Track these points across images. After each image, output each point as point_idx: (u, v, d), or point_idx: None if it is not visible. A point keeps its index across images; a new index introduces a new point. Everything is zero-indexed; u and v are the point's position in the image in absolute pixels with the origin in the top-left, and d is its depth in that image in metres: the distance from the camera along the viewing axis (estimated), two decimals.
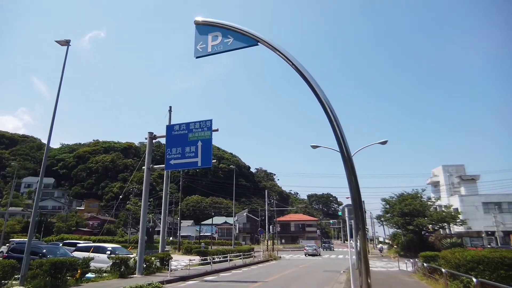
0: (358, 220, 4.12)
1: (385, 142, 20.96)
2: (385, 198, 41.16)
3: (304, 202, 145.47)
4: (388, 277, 15.06)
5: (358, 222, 4.13)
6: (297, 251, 56.52)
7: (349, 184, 3.98)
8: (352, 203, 4.03)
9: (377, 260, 32.16)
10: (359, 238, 4.15)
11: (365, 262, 3.87)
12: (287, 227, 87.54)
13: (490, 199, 48.92)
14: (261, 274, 19.11)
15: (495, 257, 8.53)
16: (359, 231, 4.09)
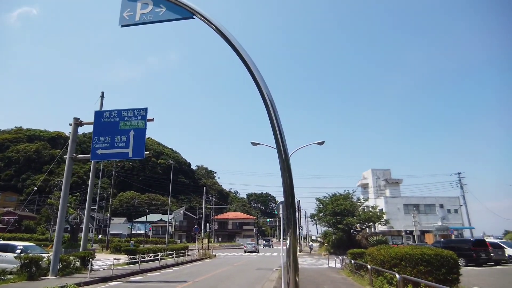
0: (289, 217, 3.76)
1: (322, 142, 21.49)
2: (319, 198, 42.90)
3: (243, 201, 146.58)
4: (317, 274, 15.32)
5: (289, 219, 3.78)
6: (234, 249, 56.44)
7: (283, 181, 3.71)
8: (284, 200, 3.74)
9: (308, 258, 33.15)
10: (289, 235, 3.78)
11: (294, 260, 3.51)
12: (224, 225, 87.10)
13: (410, 201, 53.76)
14: (192, 273, 18.34)
15: (416, 254, 8.91)
16: (290, 228, 3.75)
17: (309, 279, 13.54)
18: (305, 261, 28.60)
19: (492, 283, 13.16)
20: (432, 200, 54.27)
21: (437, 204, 53.84)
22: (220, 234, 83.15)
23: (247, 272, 18.87)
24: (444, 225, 50.26)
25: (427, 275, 8.65)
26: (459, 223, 52.40)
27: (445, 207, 53.85)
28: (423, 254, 8.88)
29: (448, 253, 8.97)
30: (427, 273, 8.67)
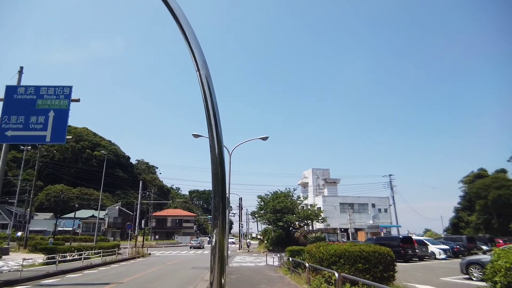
0: (217, 206, 2.95)
1: (265, 138, 21.07)
2: (261, 196, 42.86)
3: (185, 198, 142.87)
4: (254, 273, 14.73)
5: (217, 209, 2.96)
6: (171, 247, 54.13)
7: (214, 173, 2.99)
8: (212, 192, 3.00)
9: (247, 255, 32.74)
10: (216, 232, 2.95)
11: (220, 259, 2.71)
12: (163, 222, 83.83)
13: (346, 200, 56.42)
14: (119, 274, 16.67)
15: (355, 251, 8.64)
16: (217, 221, 2.96)
17: (245, 278, 12.85)
18: (244, 259, 28.09)
19: (419, 278, 13.67)
20: (365, 200, 57.55)
21: (369, 204, 57.24)
22: (158, 232, 79.89)
23: (181, 271, 17.67)
24: (375, 223, 53.53)
25: (365, 272, 8.41)
26: (388, 221, 56.31)
27: (376, 206, 57.49)
28: (361, 251, 8.63)
29: (385, 250, 8.85)
30: (365, 270, 8.43)
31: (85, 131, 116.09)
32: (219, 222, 2.99)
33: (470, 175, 75.11)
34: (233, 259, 27.27)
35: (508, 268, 4.14)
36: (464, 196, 73.61)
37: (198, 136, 20.73)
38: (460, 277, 14.07)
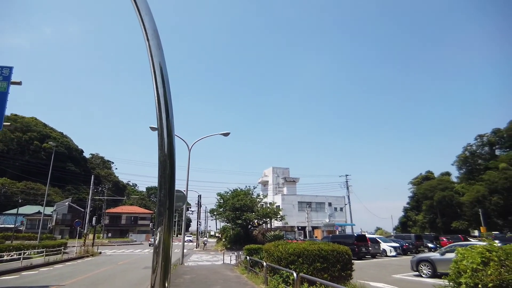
0: (162, 200, 2.43)
1: (227, 133, 20.57)
2: (220, 193, 42.20)
3: (142, 195, 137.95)
4: (210, 272, 14.21)
5: (162, 203, 2.44)
6: (125, 245, 51.73)
7: (162, 164, 2.46)
8: (158, 185, 2.46)
9: (204, 254, 32.03)
10: (160, 230, 2.43)
11: (165, 260, 2.21)
12: (117, 220, 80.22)
13: (304, 199, 57.40)
14: (63, 275, 15.34)
15: (313, 250, 8.46)
16: (162, 217, 2.45)
17: (200, 278, 12.30)
18: (200, 257, 27.40)
19: (373, 275, 13.97)
20: (322, 199, 58.95)
21: (326, 203, 58.70)
22: (112, 229, 76.31)
23: (132, 272, 16.68)
24: (331, 222, 55.07)
25: (323, 272, 8.26)
26: (343, 220, 58.13)
27: (333, 205, 59.12)
28: (320, 250, 8.48)
29: (343, 249, 8.78)
30: (324, 270, 8.28)
31: (34, 121, 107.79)
32: (164, 219, 2.47)
33: (419, 177, 79.97)
34: (189, 258, 26.47)
35: (475, 269, 4.08)
36: (413, 197, 78.21)
37: (156, 129, 19.67)
38: (410, 274, 14.58)
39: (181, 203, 9.70)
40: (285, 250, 8.79)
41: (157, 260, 2.31)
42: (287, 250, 8.76)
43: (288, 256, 8.61)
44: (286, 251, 8.76)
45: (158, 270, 2.28)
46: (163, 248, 2.33)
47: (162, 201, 2.39)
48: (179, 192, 9.80)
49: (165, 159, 2.42)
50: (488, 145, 70.20)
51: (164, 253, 2.33)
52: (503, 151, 68.32)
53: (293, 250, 8.61)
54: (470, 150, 71.43)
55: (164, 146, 2.45)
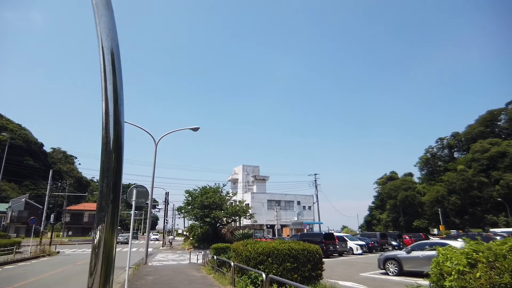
0: (104, 191, 1.93)
1: (196, 128, 19.88)
2: (189, 190, 41.16)
3: None
4: (175, 273, 13.53)
5: (104, 195, 1.93)
6: (87, 244, 49.23)
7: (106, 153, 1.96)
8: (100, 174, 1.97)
9: (170, 253, 31.03)
10: (101, 228, 1.93)
11: (106, 263, 1.73)
12: (79, 217, 76.66)
13: (273, 197, 57.53)
14: (12, 277, 14.04)
15: (284, 249, 8.11)
16: (103, 212, 1.97)
17: (163, 279, 11.61)
18: (166, 256, 26.46)
19: (341, 274, 13.91)
20: (291, 197, 59.36)
21: (295, 201, 59.19)
22: (73, 227, 72.88)
23: None
24: (299, 220, 55.60)
25: (294, 272, 7.92)
26: (311, 218, 58.87)
27: (301, 204, 59.72)
28: (291, 249, 8.14)
29: (314, 248, 8.50)
30: (294, 270, 7.94)
31: None
32: (106, 215, 1.97)
33: (383, 177, 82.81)
34: (154, 257, 25.46)
35: (461, 272, 3.82)
36: (377, 196, 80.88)
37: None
38: (377, 272, 14.69)
39: (143, 199, 9.02)
40: (254, 250, 8.37)
41: (96, 263, 1.84)
42: (256, 249, 8.34)
43: (257, 255, 8.19)
44: (255, 250, 8.34)
45: (97, 274, 1.81)
46: (104, 249, 1.87)
47: (104, 194, 1.89)
48: (141, 188, 9.11)
49: (108, 144, 1.92)
50: (448, 147, 73.93)
51: (105, 255, 1.87)
52: (461, 154, 72.20)
53: (262, 250, 8.21)
54: (431, 152, 74.90)
55: (109, 131, 1.94)
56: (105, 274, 1.80)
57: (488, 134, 65.00)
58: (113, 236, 1.91)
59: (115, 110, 2.02)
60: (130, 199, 8.86)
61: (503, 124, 66.49)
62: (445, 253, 4.47)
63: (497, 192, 54.35)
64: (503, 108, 66.48)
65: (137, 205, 9.15)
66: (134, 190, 8.82)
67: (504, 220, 52.44)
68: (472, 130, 67.71)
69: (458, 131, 72.63)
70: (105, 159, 1.91)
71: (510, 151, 54.17)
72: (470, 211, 58.29)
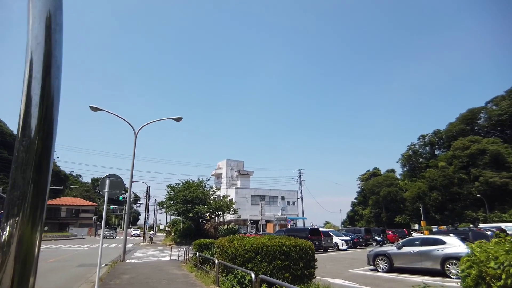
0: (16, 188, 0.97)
1: (179, 118, 18.85)
2: (171, 185, 39.99)
3: (86, 186, 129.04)
4: (154, 271, 12.61)
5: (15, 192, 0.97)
6: (64, 240, 47.34)
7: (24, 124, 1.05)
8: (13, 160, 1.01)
9: (151, 249, 29.92)
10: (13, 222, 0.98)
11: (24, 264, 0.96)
12: (56, 212, 73.79)
13: (257, 192, 56.90)
14: None
15: (274, 246, 7.36)
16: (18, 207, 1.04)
17: (141, 278, 10.69)
18: (146, 253, 25.38)
19: (329, 271, 13.35)
20: (276, 192, 58.91)
21: (279, 196, 58.77)
22: (49, 223, 70.03)
23: (63, 270, 14.52)
24: (283, 216, 55.17)
25: (285, 270, 7.19)
26: (295, 214, 58.63)
27: (285, 199, 59.36)
28: (281, 245, 7.40)
29: (306, 244, 7.79)
30: (285, 268, 7.21)
31: None
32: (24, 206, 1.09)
33: (366, 173, 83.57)
34: (134, 254, 24.35)
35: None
36: (360, 192, 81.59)
37: (97, 109, 17.40)
38: (366, 268, 14.21)
39: (117, 191, 8.07)
40: (241, 246, 7.59)
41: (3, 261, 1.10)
42: (243, 246, 7.55)
43: (245, 253, 7.41)
44: (242, 247, 7.55)
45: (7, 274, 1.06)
46: (18, 248, 1.10)
47: (18, 183, 1.12)
48: (116, 178, 8.16)
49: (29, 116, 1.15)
50: (429, 145, 75.16)
51: (21, 254, 1.10)
52: (442, 151, 73.56)
53: (250, 246, 7.43)
54: (413, 149, 75.97)
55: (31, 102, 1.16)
56: (20, 275, 1.12)
57: (468, 132, 66.34)
58: (34, 231, 1.20)
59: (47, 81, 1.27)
60: (102, 190, 7.90)
61: (483, 122, 68.04)
62: (484, 250, 3.65)
63: (476, 188, 55.53)
64: (483, 106, 67.97)
65: (111, 196, 8.20)
66: (107, 180, 7.86)
67: (482, 216, 53.66)
68: (453, 128, 68.95)
69: (439, 129, 73.95)
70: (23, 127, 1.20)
71: (489, 149, 55.38)
72: (450, 207, 59.43)
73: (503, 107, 61.14)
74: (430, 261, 12.03)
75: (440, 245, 12.10)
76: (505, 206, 52.23)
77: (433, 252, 12.04)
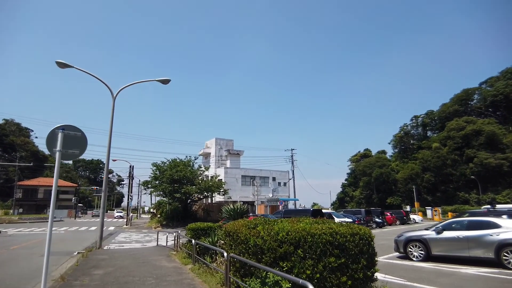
0: None
1: (166, 80, 15.79)
2: (156, 163, 36.97)
3: (68, 167, 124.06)
4: (137, 262, 9.90)
5: None
6: (40, 222, 43.85)
7: None
8: None
9: (134, 232, 27.18)
10: None
11: None
12: (33, 193, 70.21)
13: (248, 173, 54.50)
14: None
15: (323, 234, 4.73)
16: None
17: (118, 275, 7.98)
18: (129, 237, 22.64)
19: None
20: (267, 173, 56.67)
21: (270, 177, 56.59)
22: (26, 204, 66.58)
23: (23, 260, 11.68)
24: (274, 197, 53.14)
25: (340, 272, 4.60)
26: (286, 195, 56.71)
27: (277, 180, 57.26)
28: (334, 234, 4.78)
29: (366, 232, 5.19)
30: (340, 269, 4.62)
31: None
32: None
33: (357, 154, 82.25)
34: (115, 238, 21.59)
35: None
36: (351, 173, 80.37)
37: (66, 65, 14.11)
38: (393, 255, 11.96)
39: (76, 151, 5.26)
40: (271, 235, 4.95)
41: None
42: (274, 234, 4.92)
43: (278, 245, 4.77)
44: (272, 236, 4.91)
45: None
46: None
47: None
48: (74, 131, 5.30)
49: None
50: (422, 126, 73.96)
51: None
52: (434, 132, 72.53)
53: (285, 235, 4.79)
54: (405, 130, 74.71)
55: None
56: None
57: (461, 113, 65.26)
58: None
59: None
60: (52, 149, 5.06)
61: (475, 104, 66.99)
62: None
63: (470, 170, 54.69)
64: (477, 87, 66.76)
65: (68, 159, 5.48)
66: (59, 134, 5.01)
67: (475, 198, 53.04)
68: (446, 109, 67.73)
69: (432, 110, 72.67)
70: None
71: (485, 130, 54.30)
72: (442, 188, 58.69)
73: (499, 87, 59.98)
74: (480, 248, 9.78)
75: (493, 229, 9.82)
76: (498, 188, 51.65)
77: (485, 237, 9.77)
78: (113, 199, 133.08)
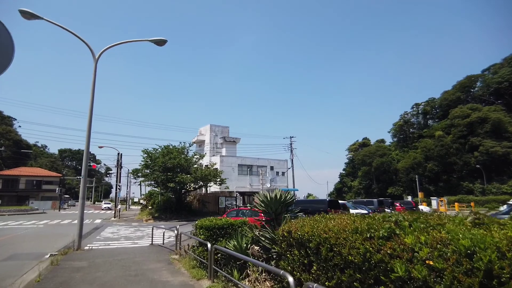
0: None
1: (162, 41, 12.60)
2: (147, 150, 33.68)
3: (53, 157, 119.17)
4: (128, 274, 6.89)
5: None
6: (19, 215, 40.35)
7: None
8: None
9: (124, 226, 24.08)
10: None
11: None
12: (14, 184, 66.07)
13: (245, 161, 51.53)
14: None
15: None
16: None
17: None
18: (118, 232, 19.55)
19: None
20: (264, 162, 53.80)
21: (268, 166, 53.79)
22: (6, 195, 62.39)
23: None
24: (272, 187, 50.43)
25: None
26: (284, 185, 54.03)
27: (275, 169, 54.51)
28: None
29: None
30: None
31: None
32: None
33: (356, 143, 79.95)
34: (100, 234, 18.48)
35: None
36: (349, 163, 78.16)
37: (34, 16, 10.78)
38: None
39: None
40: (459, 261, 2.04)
41: None
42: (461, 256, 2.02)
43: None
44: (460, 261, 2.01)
45: None
46: None
47: None
48: None
49: None
50: (422, 114, 71.89)
51: None
52: (435, 121, 70.57)
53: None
54: (405, 119, 72.57)
55: None
56: None
57: (463, 101, 63.34)
58: None
59: None
60: None
61: (477, 91, 65.09)
62: None
63: (475, 158, 52.84)
64: (480, 74, 64.77)
65: None
66: None
67: (480, 187, 51.30)
68: (448, 96, 65.65)
69: (434, 97, 70.61)
70: None
71: (491, 117, 52.34)
72: (445, 178, 56.84)
73: (503, 74, 57.97)
74: None
75: None
76: (503, 177, 49.94)
77: None
78: (101, 190, 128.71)
